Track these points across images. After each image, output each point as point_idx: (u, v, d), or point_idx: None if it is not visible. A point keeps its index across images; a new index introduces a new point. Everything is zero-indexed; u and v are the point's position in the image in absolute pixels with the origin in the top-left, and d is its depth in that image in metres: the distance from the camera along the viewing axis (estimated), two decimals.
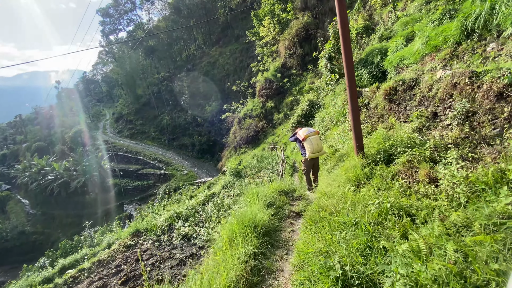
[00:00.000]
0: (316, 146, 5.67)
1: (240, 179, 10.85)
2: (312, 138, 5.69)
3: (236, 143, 26.64)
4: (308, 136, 5.71)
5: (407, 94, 4.87)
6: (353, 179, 3.75)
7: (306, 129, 5.93)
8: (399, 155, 3.76)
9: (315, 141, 5.69)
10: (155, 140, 54.92)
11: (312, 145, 5.62)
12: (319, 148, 5.71)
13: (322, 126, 10.91)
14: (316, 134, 5.87)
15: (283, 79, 24.98)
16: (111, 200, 40.74)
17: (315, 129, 6.03)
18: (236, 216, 2.88)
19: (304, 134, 5.75)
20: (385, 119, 5.49)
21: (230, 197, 8.58)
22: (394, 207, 2.63)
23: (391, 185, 3.20)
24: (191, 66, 63.20)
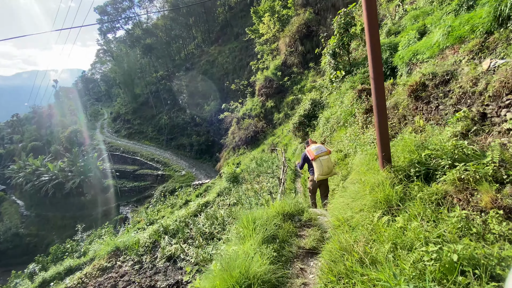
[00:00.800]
0: (326, 168, 5.19)
1: (237, 185, 9.93)
2: (323, 160, 5.18)
3: (234, 143, 25.71)
4: (318, 157, 5.20)
5: (440, 90, 3.95)
6: (382, 201, 2.82)
7: (317, 147, 5.39)
8: (443, 169, 2.82)
9: (326, 163, 5.19)
10: (153, 140, 53.97)
11: (322, 167, 5.15)
12: (329, 170, 5.24)
13: (327, 127, 9.99)
14: (327, 154, 5.32)
15: (284, 78, 24.04)
16: (107, 202, 39.80)
17: (327, 148, 5.44)
18: (221, 265, 1.96)
19: (314, 154, 5.24)
20: (409, 120, 4.58)
21: (226, 206, 7.68)
22: (462, 259, 1.71)
23: (443, 216, 2.27)
24: (190, 65, 62.20)
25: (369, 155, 4.19)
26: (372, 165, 3.78)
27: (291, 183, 9.18)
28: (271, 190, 8.76)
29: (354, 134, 6.95)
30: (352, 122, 7.96)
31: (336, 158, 6.96)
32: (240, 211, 5.24)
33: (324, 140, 10.06)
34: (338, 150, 7.36)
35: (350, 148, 6.61)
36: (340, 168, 6.48)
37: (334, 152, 7.63)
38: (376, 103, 3.14)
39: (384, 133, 3.18)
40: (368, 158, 4.09)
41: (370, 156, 4.11)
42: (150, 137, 54.96)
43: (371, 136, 5.46)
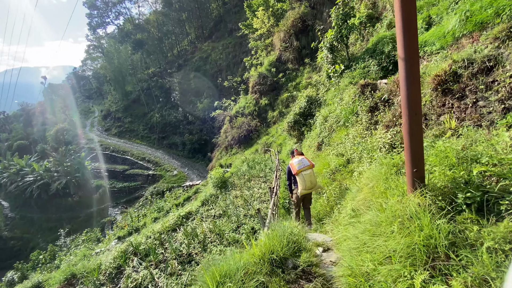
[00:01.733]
0: (309, 183, 5.08)
1: (226, 192, 8.92)
2: (305, 175, 5.07)
3: (227, 143, 24.64)
4: (301, 171, 5.09)
5: (479, 81, 3.01)
6: (420, 247, 1.83)
7: (299, 161, 5.24)
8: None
9: (308, 178, 5.08)
10: (144, 139, 52.47)
11: (305, 182, 5.06)
12: (312, 184, 5.13)
13: (325, 127, 9.02)
14: (310, 168, 5.18)
15: (278, 74, 23.03)
16: (95, 203, 38.34)
17: (310, 162, 5.25)
18: None
19: (296, 169, 5.13)
20: (433, 121, 3.63)
21: (210, 219, 6.67)
22: None
23: None
24: (183, 61, 60.67)
25: (385, 166, 3.19)
26: (393, 182, 2.77)
27: (286, 189, 8.24)
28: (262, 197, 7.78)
29: (358, 135, 5.98)
30: (354, 121, 7.00)
31: (337, 163, 5.99)
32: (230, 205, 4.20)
33: (321, 142, 9.10)
34: (339, 153, 6.39)
35: (354, 152, 5.65)
36: (343, 176, 5.51)
37: (334, 156, 6.68)
38: (406, 97, 2.14)
39: (417, 141, 2.19)
40: (385, 171, 3.10)
41: (387, 168, 3.12)
42: (142, 135, 53.45)
43: (382, 140, 4.49)
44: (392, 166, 3.09)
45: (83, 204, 38.91)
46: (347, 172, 5.45)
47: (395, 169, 3.05)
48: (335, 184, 5.38)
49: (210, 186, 9.60)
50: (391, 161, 3.18)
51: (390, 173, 2.95)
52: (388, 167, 3.10)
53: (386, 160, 3.31)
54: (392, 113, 4.92)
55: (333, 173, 5.94)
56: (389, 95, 6.35)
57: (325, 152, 7.98)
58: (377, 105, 6.71)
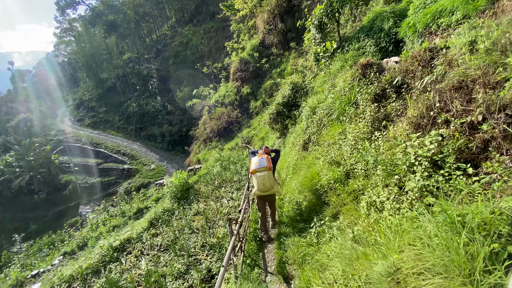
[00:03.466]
0: (262, 186, 4.79)
1: (185, 205, 6.96)
2: (259, 176, 4.81)
3: (206, 135, 22.45)
4: (255, 171, 4.85)
5: None
6: None
7: (258, 160, 4.95)
8: None
9: (262, 180, 4.80)
10: (120, 130, 48.94)
11: (258, 184, 4.81)
12: (265, 188, 4.80)
13: (312, 121, 7.15)
14: (267, 170, 4.85)
15: (261, 60, 20.86)
16: (64, 200, 35.25)
17: (268, 164, 4.89)
18: None
19: (252, 168, 4.91)
20: None
21: (153, 252, 4.75)
22: None
23: None
24: (162, 46, 56.69)
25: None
26: None
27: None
28: (232, 213, 5.86)
29: (361, 135, 4.13)
30: (353, 115, 5.15)
31: (331, 177, 4.15)
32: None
33: (308, 140, 7.23)
34: (333, 161, 4.54)
35: (357, 161, 3.80)
36: (341, 200, 3.67)
37: (325, 164, 4.83)
38: None
39: None
40: None
41: None
42: (117, 126, 49.84)
43: (413, 150, 2.62)
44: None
45: (50, 201, 35.71)
46: (346, 194, 3.62)
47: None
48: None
49: (167, 198, 7.60)
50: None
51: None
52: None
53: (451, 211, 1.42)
54: (422, 104, 3.07)
55: (325, 191, 4.10)
56: (405, 77, 4.50)
57: (313, 154, 6.12)
58: (386, 92, 4.87)
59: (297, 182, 5.28)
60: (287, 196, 5.41)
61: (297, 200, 4.74)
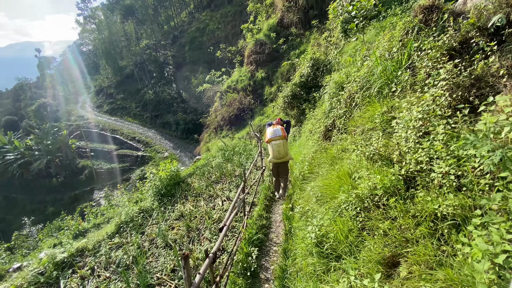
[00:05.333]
0: (277, 153, 5.16)
1: (170, 205, 5.45)
2: (275, 144, 5.17)
3: (216, 123, 20.96)
4: (271, 140, 5.23)
5: None
6: None
7: (273, 130, 5.26)
8: None
9: (277, 148, 5.14)
10: (137, 117, 48.94)
11: (273, 152, 5.20)
12: (280, 155, 5.16)
13: (339, 101, 5.26)
14: (282, 138, 5.18)
15: (279, 41, 18.78)
16: (80, 185, 35.74)
17: (283, 133, 5.21)
18: None
19: (268, 137, 5.27)
20: None
21: (104, 276, 3.29)
22: None
23: None
24: (179, 32, 55.49)
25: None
26: None
27: (264, 201, 4.69)
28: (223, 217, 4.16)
29: (432, 111, 2.21)
30: (408, 83, 3.23)
31: (378, 182, 2.31)
32: None
33: (332, 125, 5.38)
34: (377, 156, 2.70)
35: (432, 156, 1.93)
36: (400, 235, 1.83)
37: (365, 161, 3.00)
38: None
39: None
40: None
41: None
42: (134, 113, 49.85)
43: None
44: None
45: (67, 185, 36.37)
46: (411, 220, 1.81)
47: None
48: None
49: (150, 193, 6.12)
50: None
51: None
52: None
53: None
54: None
55: (365, 208, 2.32)
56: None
57: (339, 145, 4.28)
58: (469, 45, 2.93)
59: (316, 185, 3.52)
60: (298, 206, 3.67)
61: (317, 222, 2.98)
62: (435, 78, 2.86)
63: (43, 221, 24.72)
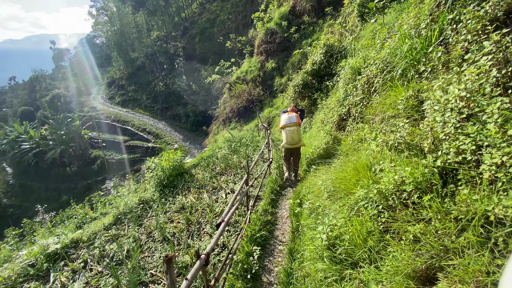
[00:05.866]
0: (291, 139, 5.39)
1: (171, 197, 5.17)
2: (289, 130, 5.40)
3: (225, 115, 20.64)
4: (285, 127, 5.45)
5: None
6: None
7: (288, 117, 5.48)
8: None
9: (291, 134, 5.36)
10: (147, 109, 49.32)
11: (287, 137, 5.43)
12: (294, 141, 5.39)
13: (355, 87, 4.78)
14: (296, 125, 5.39)
15: (290, 29, 18.09)
16: (93, 174, 36.54)
17: (297, 120, 5.43)
18: None
19: (283, 123, 5.51)
20: None
21: (96, 270, 3.04)
22: None
23: None
24: (189, 24, 55.03)
25: None
26: None
27: (270, 196, 4.33)
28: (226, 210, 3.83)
29: (472, 95, 1.73)
30: (439, 62, 2.71)
31: (406, 176, 1.87)
32: None
33: (346, 113, 4.92)
34: (403, 145, 2.25)
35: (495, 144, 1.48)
36: (438, 244, 1.39)
37: (387, 151, 2.55)
38: None
39: None
40: None
41: None
42: (145, 105, 50.25)
43: None
44: None
45: (80, 175, 37.26)
46: (453, 223, 1.37)
47: None
48: None
49: (151, 184, 5.87)
50: None
51: None
52: None
53: None
54: None
55: (390, 206, 1.90)
56: None
57: (356, 135, 3.83)
58: None
59: (328, 178, 3.11)
60: (307, 202, 3.28)
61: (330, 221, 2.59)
62: (477, 53, 2.38)
63: (57, 208, 25.36)
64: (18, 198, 37.45)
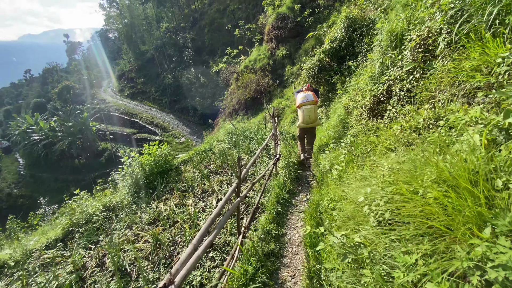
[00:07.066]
0: (308, 118, 5.22)
1: (145, 203, 3.98)
2: (306, 109, 5.20)
3: (231, 107, 19.38)
4: (302, 105, 5.27)
5: None
6: None
7: (305, 95, 5.31)
8: None
9: (308, 112, 5.20)
10: (156, 101, 48.79)
11: (303, 116, 5.24)
12: (311, 120, 5.23)
13: (399, 54, 3.34)
14: (313, 103, 5.23)
15: (303, 12, 16.50)
16: (100, 167, 36.35)
17: (315, 98, 5.26)
18: None
19: (299, 102, 5.32)
20: None
21: None
22: None
23: None
24: (199, 15, 53.69)
25: None
26: None
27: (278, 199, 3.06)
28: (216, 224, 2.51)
29: None
30: None
31: None
32: None
33: (386, 95, 3.49)
34: None
35: None
36: None
37: (485, 147, 1.10)
38: None
39: None
40: None
41: None
42: (153, 98, 49.73)
43: None
44: None
45: (88, 167, 37.17)
46: None
47: None
48: None
49: (123, 187, 4.69)
50: None
51: None
52: None
53: None
54: None
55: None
56: None
57: (403, 122, 2.40)
58: None
59: (374, 193, 1.78)
60: (337, 232, 1.98)
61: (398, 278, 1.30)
62: None
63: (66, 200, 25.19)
64: (28, 189, 37.80)
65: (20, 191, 37.32)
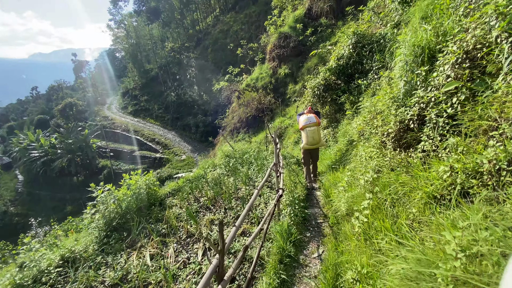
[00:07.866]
0: (311, 139, 5.28)
1: (113, 253, 3.23)
2: (309, 130, 5.27)
3: (233, 125, 18.85)
4: (305, 127, 5.32)
5: None
6: None
7: (305, 118, 5.37)
8: None
9: (311, 134, 5.25)
10: (158, 119, 48.76)
11: (307, 138, 5.29)
12: (314, 141, 5.29)
13: (428, 75, 2.64)
14: (316, 125, 5.28)
15: (306, 32, 16.34)
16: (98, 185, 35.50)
17: (317, 120, 5.32)
18: None
19: (302, 124, 5.36)
20: None
21: None
22: None
23: None
24: (203, 35, 55.01)
25: None
26: None
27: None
28: None
29: None
30: None
31: None
32: None
33: (418, 118, 2.71)
34: None
35: None
36: None
37: None
38: None
39: None
40: None
41: None
42: (156, 115, 49.77)
43: None
44: None
45: (86, 185, 36.07)
46: None
47: None
48: None
49: (91, 230, 3.91)
50: None
51: None
52: None
53: None
54: None
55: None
56: None
57: (451, 159, 1.61)
58: None
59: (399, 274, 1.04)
60: None
61: None
62: None
63: (61, 219, 24.18)
64: (25, 207, 36.86)
65: (16, 209, 36.38)
